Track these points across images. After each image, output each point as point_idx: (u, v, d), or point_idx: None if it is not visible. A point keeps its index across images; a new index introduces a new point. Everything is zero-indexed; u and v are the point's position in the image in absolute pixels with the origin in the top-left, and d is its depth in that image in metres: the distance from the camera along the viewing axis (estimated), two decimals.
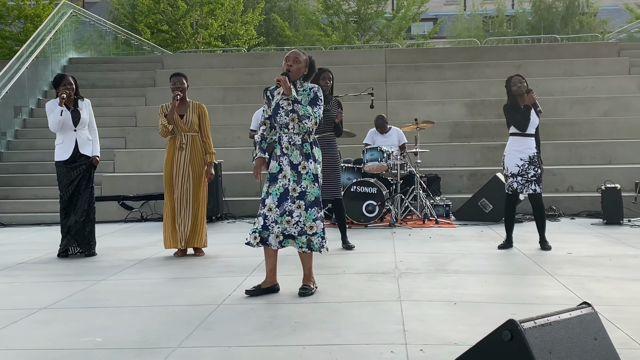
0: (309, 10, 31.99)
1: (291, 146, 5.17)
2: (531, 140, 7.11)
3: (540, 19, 34.35)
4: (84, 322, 4.65)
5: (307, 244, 5.16)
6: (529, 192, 7.12)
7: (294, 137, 5.18)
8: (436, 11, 44.31)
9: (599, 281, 5.65)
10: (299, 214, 5.11)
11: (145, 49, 22.14)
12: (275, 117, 5.21)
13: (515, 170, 7.12)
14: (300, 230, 5.12)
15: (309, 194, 5.13)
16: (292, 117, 5.14)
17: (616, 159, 12.05)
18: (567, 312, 2.86)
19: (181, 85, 7.20)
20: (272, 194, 5.15)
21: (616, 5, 41.68)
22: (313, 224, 5.13)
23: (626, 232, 8.51)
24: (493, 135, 12.87)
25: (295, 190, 5.13)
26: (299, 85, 5.24)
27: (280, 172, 5.17)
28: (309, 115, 5.09)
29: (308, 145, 5.21)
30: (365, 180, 9.31)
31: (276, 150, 5.23)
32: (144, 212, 10.69)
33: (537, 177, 7.09)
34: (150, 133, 13.40)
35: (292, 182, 5.14)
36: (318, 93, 5.23)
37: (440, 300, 5.06)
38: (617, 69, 15.43)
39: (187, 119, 7.15)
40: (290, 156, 5.16)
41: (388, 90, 14.87)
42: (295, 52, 5.28)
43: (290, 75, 5.15)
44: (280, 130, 5.23)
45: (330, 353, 3.83)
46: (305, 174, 5.15)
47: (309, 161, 5.18)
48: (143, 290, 5.63)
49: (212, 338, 4.18)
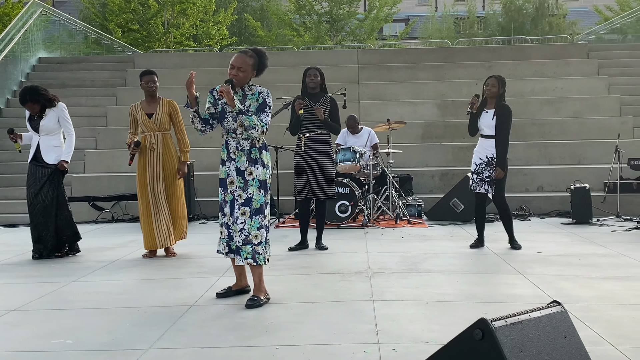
0: (281, 10, 31.95)
1: (239, 151, 4.99)
2: (491, 141, 7.19)
3: (510, 21, 34.64)
4: (54, 324, 4.60)
5: (252, 255, 4.96)
6: (482, 190, 7.23)
7: (242, 142, 4.99)
8: (408, 12, 44.51)
9: (569, 280, 5.71)
10: (243, 221, 4.93)
11: (116, 49, 21.95)
12: (222, 121, 5.05)
13: (473, 168, 7.34)
14: (245, 238, 4.94)
15: (255, 201, 4.95)
16: (239, 122, 4.94)
17: (585, 159, 12.21)
18: (537, 310, 2.89)
19: (154, 84, 7.16)
20: (228, 201, 5.05)
21: (585, 7, 42.26)
22: (257, 232, 4.95)
23: (595, 231, 8.62)
24: (464, 135, 12.90)
25: (242, 197, 4.96)
26: (247, 89, 5.05)
27: (228, 178, 5.03)
28: (255, 126, 4.88)
29: (256, 150, 5.01)
30: (338, 180, 9.30)
31: (223, 155, 5.07)
32: (115, 213, 10.60)
33: (492, 179, 7.18)
34: (121, 133, 13.27)
35: (239, 188, 4.98)
36: (267, 99, 5.03)
37: (413, 299, 5.09)
38: (586, 70, 15.63)
39: (156, 119, 7.11)
40: (238, 162, 4.98)
41: (360, 90, 14.90)
42: (241, 57, 4.97)
43: (236, 83, 4.96)
44: (227, 135, 5.05)
45: (303, 353, 3.83)
46: (252, 180, 4.96)
47: (256, 167, 4.98)
48: (114, 292, 5.58)
49: (184, 339, 4.16)
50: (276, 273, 6.07)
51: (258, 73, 5.10)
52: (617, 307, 4.78)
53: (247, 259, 4.96)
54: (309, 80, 7.24)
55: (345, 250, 7.35)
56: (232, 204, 5.01)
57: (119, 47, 22.31)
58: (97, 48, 21.22)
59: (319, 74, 7.29)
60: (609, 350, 3.82)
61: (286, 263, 6.62)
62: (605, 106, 13.93)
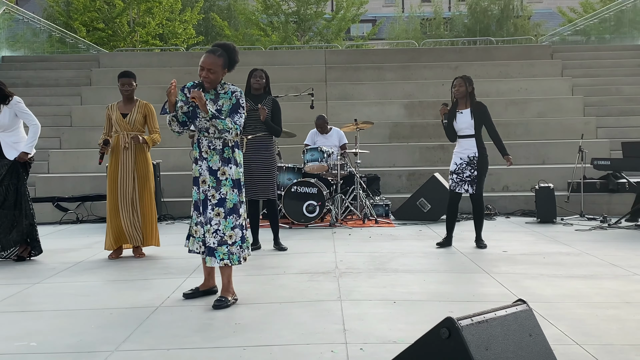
0: (249, 10, 31.86)
1: (211, 151, 4.94)
2: (469, 141, 7.28)
3: (476, 22, 34.97)
4: (18, 327, 4.53)
5: (227, 256, 4.92)
6: (461, 191, 7.29)
7: (215, 141, 4.95)
8: (375, 13, 44.70)
9: (534, 278, 5.78)
10: (217, 222, 4.89)
11: (81, 47, 21.69)
12: (194, 120, 4.99)
13: (453, 168, 7.37)
14: (220, 239, 4.90)
15: (229, 201, 4.91)
16: (212, 122, 4.87)
17: (549, 159, 12.38)
18: (503, 309, 2.92)
19: (129, 87, 7.11)
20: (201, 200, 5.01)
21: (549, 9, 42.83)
22: (232, 232, 4.92)
23: (559, 230, 8.74)
24: (431, 135, 13.06)
25: (215, 197, 4.92)
26: (219, 88, 5.00)
27: (200, 177, 4.99)
28: (229, 130, 4.84)
29: (229, 149, 4.97)
30: (305, 180, 9.32)
31: (195, 154, 5.03)
32: (79, 214, 10.47)
33: (472, 178, 7.25)
34: (86, 133, 13.14)
35: (212, 188, 4.93)
36: (240, 99, 4.98)
37: (380, 299, 5.11)
38: (550, 71, 15.84)
39: (131, 119, 7.06)
40: (210, 161, 4.94)
41: (328, 90, 14.92)
42: (210, 57, 4.88)
43: (208, 87, 4.94)
44: (200, 134, 4.99)
45: (271, 354, 3.83)
46: (225, 180, 4.93)
47: (229, 166, 4.95)
48: (79, 293, 5.51)
49: (150, 341, 4.12)
50: (244, 273, 6.06)
51: (229, 69, 5.05)
52: (581, 305, 4.84)
53: (224, 259, 4.92)
54: (254, 81, 7.26)
55: (313, 250, 7.35)
56: (204, 204, 4.97)
57: (84, 46, 22.06)
58: (61, 47, 20.96)
59: (264, 76, 7.32)
60: (573, 347, 3.87)
61: (253, 263, 6.60)
62: (569, 107, 14.13)
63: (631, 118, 13.73)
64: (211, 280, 5.32)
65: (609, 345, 3.90)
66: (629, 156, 9.04)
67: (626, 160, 9.12)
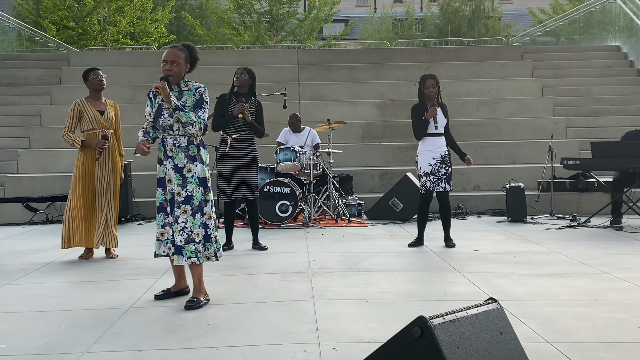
0: (221, 9, 31.68)
1: (176, 148, 4.92)
2: (441, 139, 7.36)
3: (447, 22, 35.13)
4: None
5: (195, 254, 4.89)
6: (439, 190, 7.33)
7: (180, 138, 4.93)
8: (347, 13, 44.73)
9: (505, 277, 5.84)
10: (184, 220, 4.86)
11: (51, 46, 21.41)
12: (159, 119, 4.95)
13: (428, 169, 7.36)
14: (187, 237, 4.87)
15: (195, 199, 4.89)
16: (176, 117, 4.87)
17: (520, 158, 12.49)
18: (474, 308, 2.94)
19: (103, 79, 7.07)
20: (168, 200, 4.97)
21: (520, 10, 43.21)
22: (199, 230, 4.89)
23: (530, 229, 8.83)
24: (404, 135, 13.10)
25: (181, 195, 4.88)
26: (183, 85, 5.00)
27: (166, 176, 4.95)
28: (192, 122, 4.85)
29: (194, 147, 4.96)
30: (278, 180, 9.31)
31: (160, 154, 4.99)
32: (49, 214, 10.35)
33: (448, 175, 7.32)
34: (56, 132, 12.95)
35: (177, 186, 4.90)
36: (204, 95, 4.99)
37: (353, 298, 5.12)
38: (521, 71, 15.98)
39: (107, 115, 7.02)
40: (175, 159, 4.92)
41: (301, 90, 14.92)
42: (172, 51, 4.96)
43: (171, 79, 4.93)
44: (164, 133, 4.97)
45: (243, 354, 3.82)
46: (191, 177, 4.91)
47: (195, 164, 4.93)
48: (49, 295, 5.44)
49: (121, 342, 4.09)
50: (216, 274, 6.03)
51: (191, 67, 5.09)
52: (551, 304, 4.90)
53: (191, 257, 4.89)
54: (235, 78, 7.25)
55: (286, 250, 7.35)
56: (171, 203, 4.94)
57: (54, 44, 21.78)
58: (30, 45, 20.66)
59: (247, 74, 7.29)
60: (544, 345, 3.91)
61: (226, 263, 6.58)
62: (539, 107, 14.27)
63: (600, 118, 13.91)
64: (182, 281, 5.30)
65: (578, 343, 3.95)
66: (598, 156, 9.15)
67: (595, 160, 9.23)
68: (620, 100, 14.53)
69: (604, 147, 9.25)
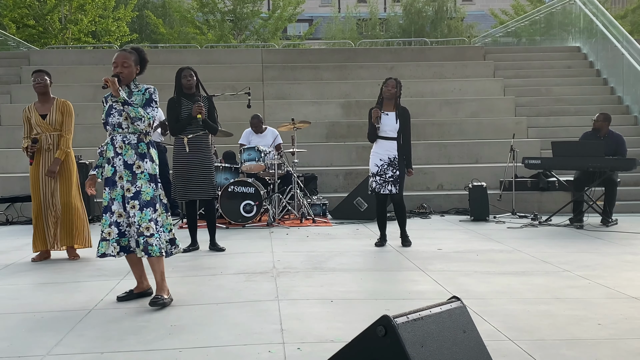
0: (184, 7, 31.47)
1: (125, 145, 4.92)
2: (392, 143, 7.38)
3: (411, 23, 35.35)
4: None
5: (144, 247, 4.87)
6: (386, 192, 7.38)
7: (129, 136, 4.94)
8: (312, 12, 44.79)
9: (467, 275, 5.89)
10: (133, 214, 4.87)
11: (11, 44, 21.04)
12: (108, 118, 4.96)
13: (375, 170, 7.44)
14: (136, 231, 4.88)
15: (144, 194, 4.89)
16: (125, 115, 4.91)
17: (482, 158, 12.63)
18: (437, 306, 2.96)
19: (42, 81, 6.94)
20: (116, 199, 4.95)
21: (482, 11, 43.71)
22: (149, 224, 4.86)
23: (492, 228, 8.92)
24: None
25: (130, 191, 4.89)
26: (133, 87, 5.03)
27: (116, 174, 4.95)
28: (141, 117, 4.85)
29: (144, 145, 4.97)
30: (242, 180, 9.27)
31: (109, 153, 4.98)
32: (9, 215, 10.17)
33: (395, 178, 7.35)
34: (15, 132, 12.75)
35: (127, 182, 4.91)
36: (153, 95, 5.02)
37: (317, 298, 5.12)
38: (483, 72, 16.16)
39: (51, 119, 6.89)
40: (125, 155, 4.92)
41: (265, 90, 14.88)
42: (122, 54, 5.00)
43: (122, 80, 4.95)
44: (114, 131, 4.97)
45: (207, 355, 3.79)
46: (140, 174, 4.91)
47: (145, 161, 4.94)
48: (8, 297, 5.35)
49: (83, 344, 4.03)
50: (179, 274, 5.99)
51: (141, 69, 5.13)
52: (513, 302, 4.96)
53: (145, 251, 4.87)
54: (184, 80, 7.19)
55: (251, 250, 7.32)
56: (123, 200, 4.94)
57: (14, 43, 21.40)
58: None
59: (193, 74, 7.25)
60: (506, 343, 3.96)
61: (190, 264, 6.53)
62: (501, 107, 14.44)
63: (561, 118, 14.12)
64: (144, 282, 5.25)
65: (540, 341, 4.00)
66: (559, 155, 9.29)
67: (556, 159, 9.36)
68: (580, 100, 14.76)
69: (565, 146, 9.39)
